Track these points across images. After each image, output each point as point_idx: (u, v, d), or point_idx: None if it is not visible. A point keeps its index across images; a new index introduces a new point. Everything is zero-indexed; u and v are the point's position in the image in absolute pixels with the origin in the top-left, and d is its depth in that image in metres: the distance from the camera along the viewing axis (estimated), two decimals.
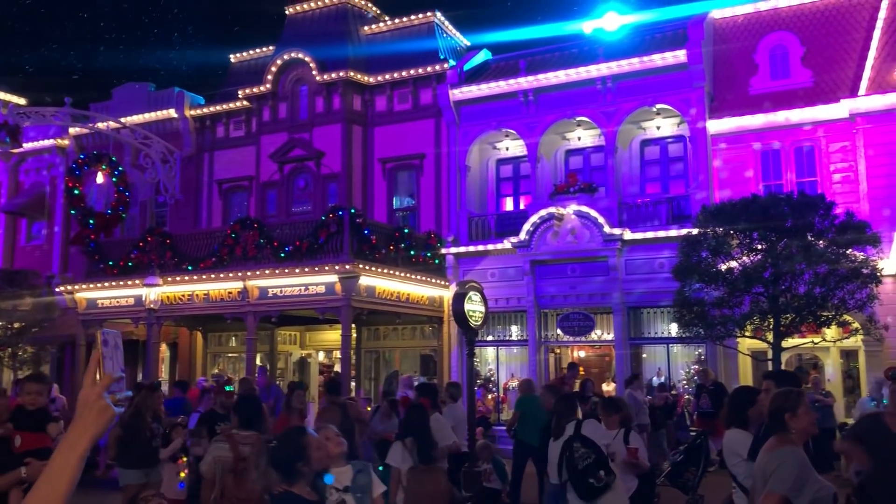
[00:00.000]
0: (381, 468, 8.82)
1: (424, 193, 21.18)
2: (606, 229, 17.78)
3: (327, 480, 4.65)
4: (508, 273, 19.02)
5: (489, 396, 19.68)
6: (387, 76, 21.41)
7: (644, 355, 18.75)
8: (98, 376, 1.87)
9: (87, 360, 20.42)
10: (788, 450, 4.12)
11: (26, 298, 22.68)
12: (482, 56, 22.01)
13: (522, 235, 18.56)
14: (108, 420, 1.85)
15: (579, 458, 6.31)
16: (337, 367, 20.40)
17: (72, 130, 24.84)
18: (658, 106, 18.69)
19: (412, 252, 18.78)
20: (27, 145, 24.46)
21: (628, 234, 17.84)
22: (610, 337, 18.42)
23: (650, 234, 17.85)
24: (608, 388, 17.88)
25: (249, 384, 13.38)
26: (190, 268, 18.12)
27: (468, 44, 23.48)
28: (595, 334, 18.68)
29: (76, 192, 21.17)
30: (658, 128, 19.49)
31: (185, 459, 8.83)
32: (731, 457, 5.06)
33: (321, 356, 22.79)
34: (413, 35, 22.16)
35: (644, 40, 19.83)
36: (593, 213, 17.99)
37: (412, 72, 21.15)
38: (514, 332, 19.65)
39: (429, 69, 21.01)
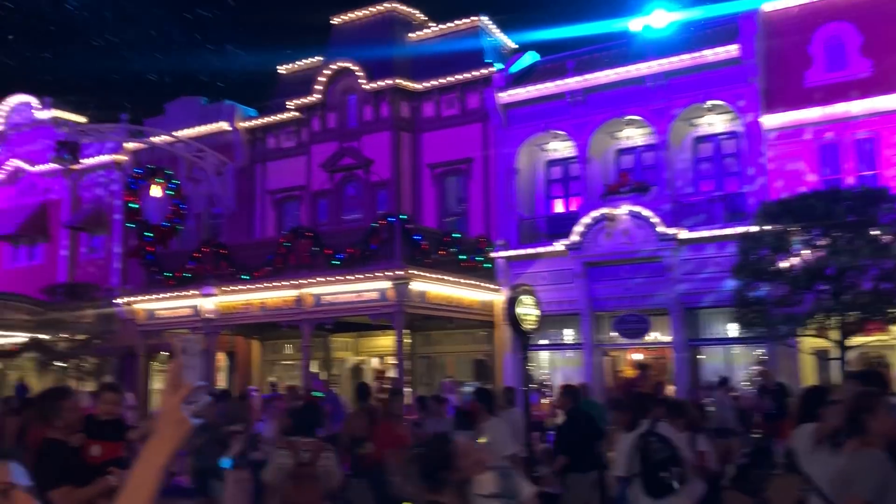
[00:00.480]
0: None
1: (473, 197, 21.14)
2: (661, 229, 17.49)
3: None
4: (560, 275, 18.81)
5: (543, 401, 19.49)
6: (434, 82, 21.46)
7: (702, 357, 18.37)
8: (177, 386, 1.84)
9: (146, 370, 20.94)
10: (869, 453, 3.95)
11: (88, 311, 23.33)
12: (529, 58, 21.88)
13: (574, 237, 18.38)
14: (186, 433, 1.82)
15: (654, 452, 6.21)
16: (390, 373, 20.47)
17: (128, 146, 25.45)
18: (710, 102, 18.35)
19: (463, 257, 18.73)
20: (86, 161, 25.18)
21: (683, 234, 17.52)
22: (666, 339, 18.10)
23: (706, 233, 17.50)
24: (647, 389, 17.55)
25: (297, 392, 13.46)
26: (245, 277, 18.36)
27: (514, 46, 23.37)
28: (651, 336, 18.37)
29: (133, 205, 21.67)
30: (711, 124, 19.13)
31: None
32: (805, 455, 4.88)
33: (375, 362, 22.89)
34: (459, 40, 22.14)
35: (694, 36, 19.46)
36: (646, 212, 17.72)
37: (459, 77, 21.16)
38: (568, 335, 19.44)
39: (475, 73, 21.00)
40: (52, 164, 25.00)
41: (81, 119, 27.13)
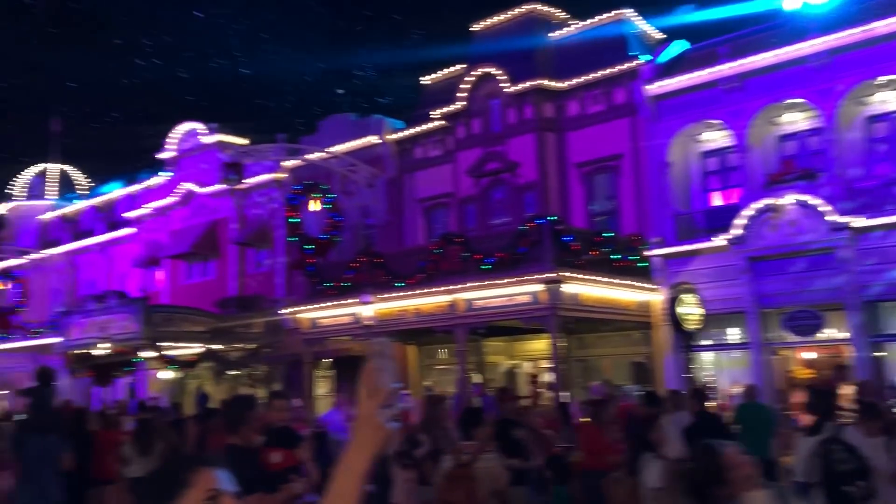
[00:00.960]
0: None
1: (624, 195, 20.58)
2: (831, 217, 16.28)
3: None
4: (722, 272, 17.88)
5: (708, 403, 18.60)
6: (578, 79, 21.09)
7: (883, 354, 16.89)
8: (373, 391, 1.78)
9: (311, 377, 21.87)
10: None
11: (257, 321, 24.73)
12: (677, 47, 21.06)
13: (736, 231, 17.45)
14: (384, 438, 1.78)
15: (838, 462, 5.69)
16: (544, 377, 20.27)
17: (286, 164, 26.76)
18: (883, 78, 16.90)
19: (616, 256, 18.24)
20: (249, 181, 26.72)
21: (858, 221, 16.21)
22: (842, 335, 16.80)
23: (884, 220, 16.09)
24: (846, 391, 16.27)
25: (439, 398, 13.48)
26: (400, 284, 18.77)
27: (661, 36, 22.56)
28: (825, 333, 17.10)
29: (294, 220, 22.75)
30: (884, 101, 17.61)
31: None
32: None
33: (528, 366, 22.75)
34: (602, 35, 21.63)
35: (860, 9, 18.01)
36: (815, 200, 16.55)
37: (604, 72, 20.67)
38: (733, 334, 18.47)
39: (621, 67, 20.43)
40: (219, 185, 26.79)
41: (243, 141, 28.84)
